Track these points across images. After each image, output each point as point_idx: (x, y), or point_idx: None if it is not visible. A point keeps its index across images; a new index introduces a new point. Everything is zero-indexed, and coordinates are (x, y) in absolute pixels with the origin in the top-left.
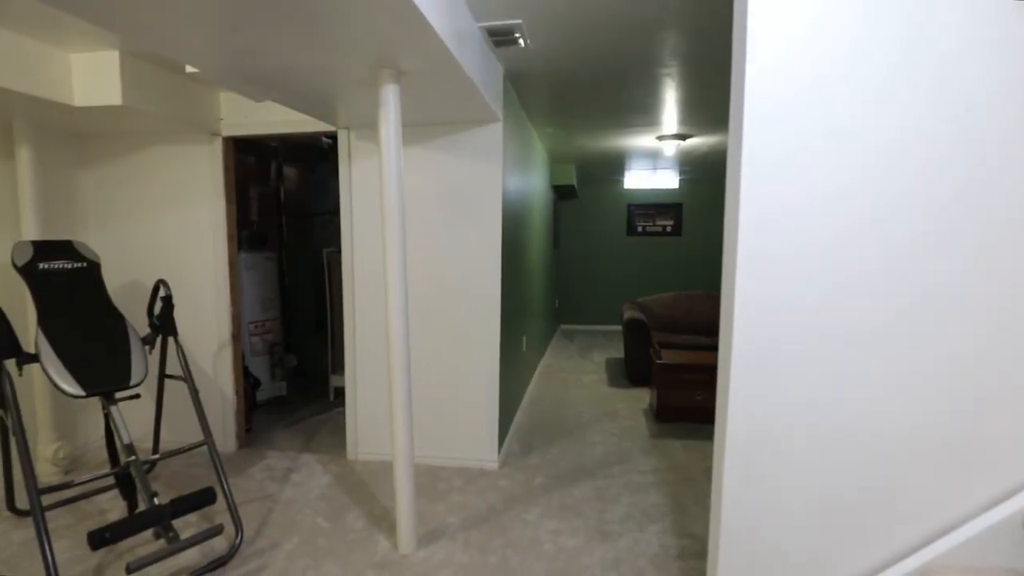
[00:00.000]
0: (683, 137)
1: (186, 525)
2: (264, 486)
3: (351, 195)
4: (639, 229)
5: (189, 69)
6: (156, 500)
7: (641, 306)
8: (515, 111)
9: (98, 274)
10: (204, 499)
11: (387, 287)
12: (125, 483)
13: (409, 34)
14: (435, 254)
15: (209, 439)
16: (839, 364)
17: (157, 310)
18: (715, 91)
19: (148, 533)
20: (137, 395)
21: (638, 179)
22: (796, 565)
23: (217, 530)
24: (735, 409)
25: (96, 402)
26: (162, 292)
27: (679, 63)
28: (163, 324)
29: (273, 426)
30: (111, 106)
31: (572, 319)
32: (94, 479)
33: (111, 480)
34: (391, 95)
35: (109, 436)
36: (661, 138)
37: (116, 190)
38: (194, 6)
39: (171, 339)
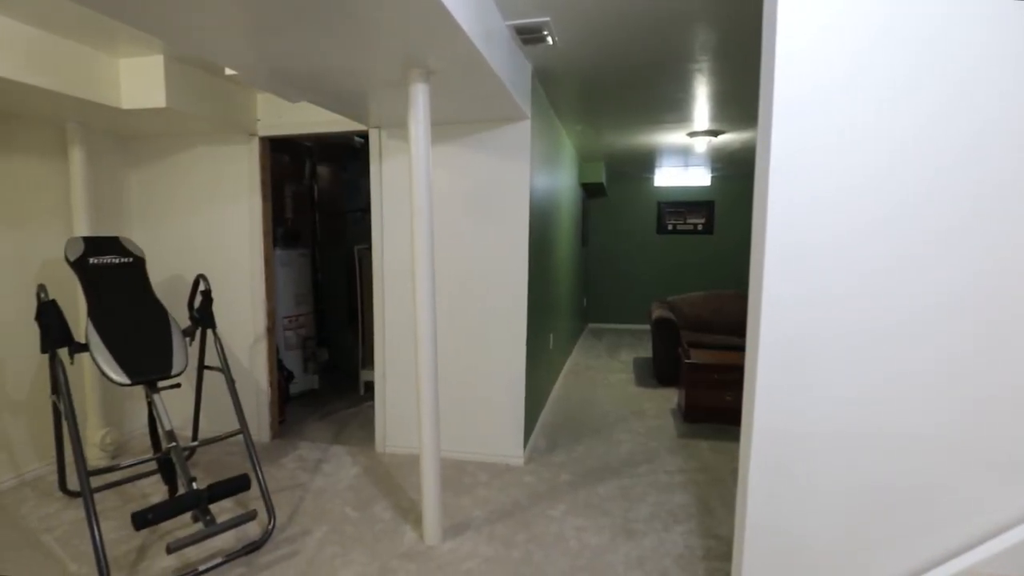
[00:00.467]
0: (715, 133)
1: (222, 510)
2: (296, 475)
3: (381, 193)
4: (669, 227)
5: (228, 72)
6: (195, 485)
7: (670, 305)
8: (543, 109)
9: (143, 269)
10: (239, 485)
11: (415, 283)
12: (166, 468)
13: (438, 34)
14: (463, 251)
15: (245, 428)
16: (871, 361)
17: (197, 304)
18: (747, 86)
19: (187, 516)
20: (178, 384)
21: (669, 176)
22: (824, 568)
23: (251, 515)
24: (761, 406)
25: (140, 390)
26: (202, 286)
27: (710, 58)
28: (202, 317)
29: (305, 418)
30: (155, 108)
31: (600, 318)
32: (138, 463)
33: (153, 465)
34: (420, 94)
35: (152, 423)
36: (692, 135)
37: (159, 189)
38: (235, 11)
39: (210, 331)
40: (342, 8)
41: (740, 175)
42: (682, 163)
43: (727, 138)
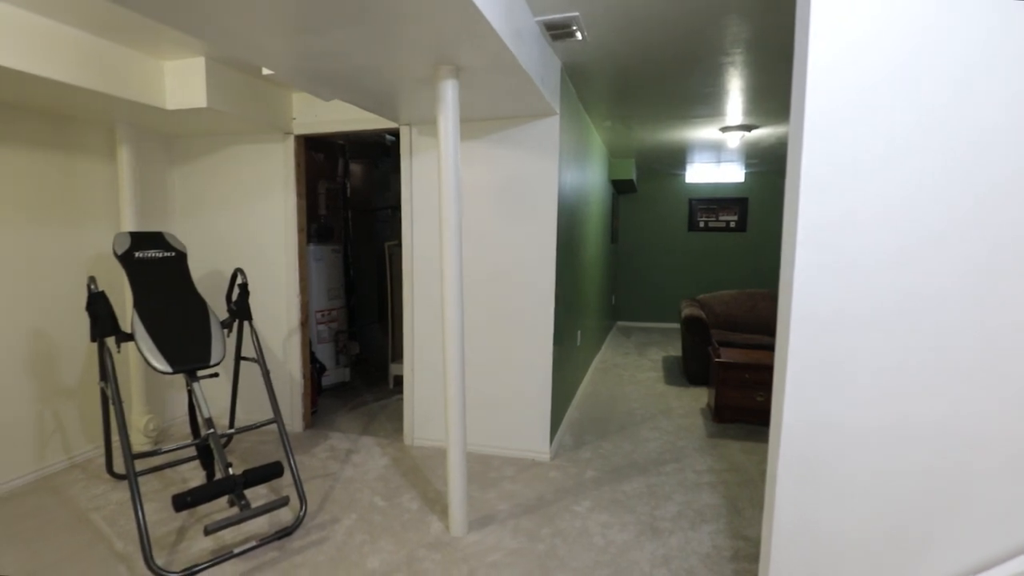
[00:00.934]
0: (748, 128)
1: (256, 496)
2: (327, 465)
3: (412, 190)
4: (701, 224)
5: (265, 71)
6: (231, 471)
7: (701, 303)
8: (572, 105)
9: (184, 263)
10: (273, 472)
11: (443, 279)
12: (204, 453)
13: (468, 31)
14: (491, 247)
15: (278, 418)
16: (907, 356)
17: (234, 296)
18: (782, 79)
19: (223, 501)
20: (216, 374)
21: (701, 173)
22: (855, 571)
23: (284, 501)
24: (791, 404)
25: (181, 379)
26: (239, 280)
27: (743, 50)
28: (240, 309)
29: (336, 409)
30: (197, 108)
31: (629, 316)
32: (179, 448)
33: (192, 451)
34: (450, 91)
35: (192, 410)
36: (725, 129)
37: (200, 186)
38: (273, 13)
39: (246, 323)
40: (374, 7)
41: (775, 171)
42: (714, 159)
43: (761, 133)
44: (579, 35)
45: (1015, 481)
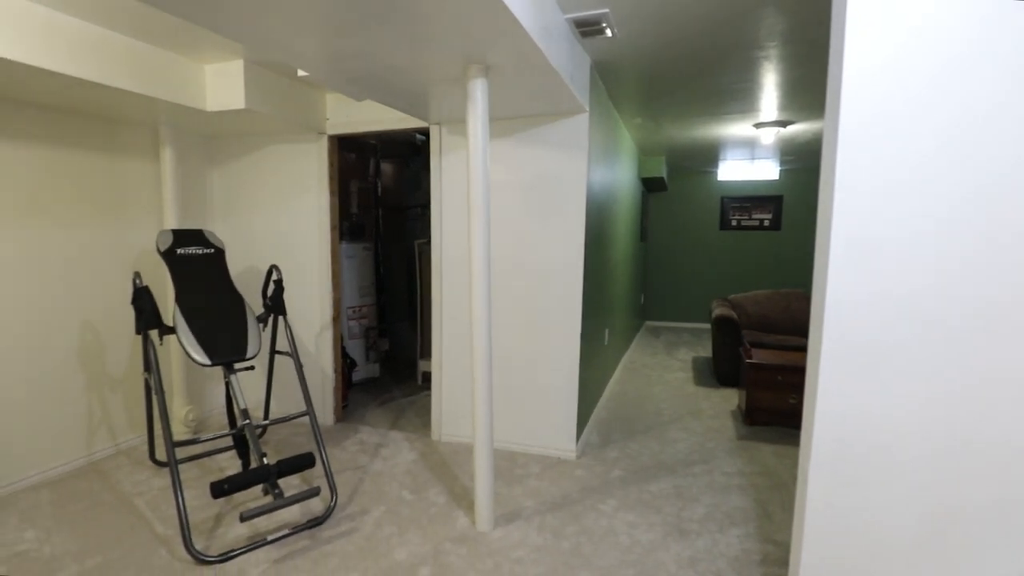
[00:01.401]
0: (783, 124)
1: (288, 486)
2: (356, 458)
3: (441, 188)
4: (733, 223)
5: (300, 73)
6: (265, 460)
7: (732, 303)
8: (602, 102)
9: (223, 259)
10: (305, 462)
11: (472, 277)
12: (240, 443)
13: (497, 30)
14: (519, 245)
15: (311, 410)
16: (946, 361)
17: (270, 292)
18: (819, 72)
19: (257, 490)
20: (252, 367)
21: (733, 170)
22: None
23: (315, 492)
24: (823, 408)
25: (219, 371)
26: (274, 276)
27: (778, 44)
28: (275, 305)
29: (366, 404)
30: (236, 109)
31: (658, 315)
32: (217, 437)
33: (229, 441)
34: (479, 90)
35: (229, 401)
36: (759, 126)
37: (237, 185)
38: (308, 15)
39: (281, 319)
40: (405, 8)
41: (812, 167)
42: (748, 156)
43: (797, 128)
44: (609, 32)
45: None
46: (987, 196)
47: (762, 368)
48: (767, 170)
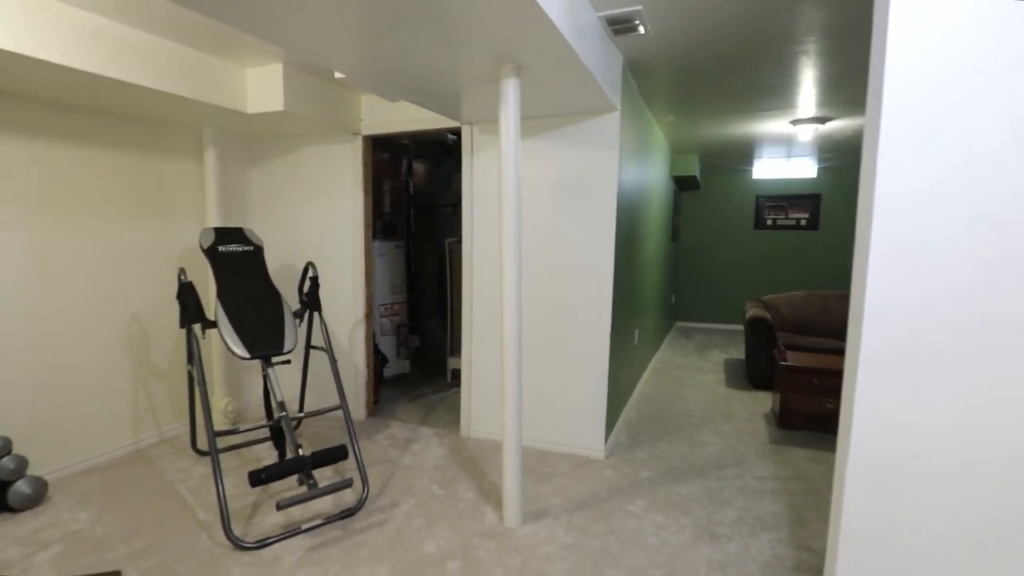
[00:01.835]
0: (822, 120)
1: (321, 478)
2: (387, 452)
3: (472, 187)
4: (768, 222)
5: (337, 75)
6: (300, 451)
7: (767, 304)
8: (634, 100)
9: (262, 256)
10: (338, 455)
11: (502, 275)
12: (277, 434)
13: (530, 29)
14: (550, 243)
15: (344, 404)
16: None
17: (306, 288)
18: (860, 67)
19: (292, 481)
20: (288, 361)
21: (769, 168)
22: None
23: (348, 483)
24: (862, 412)
25: (256, 365)
26: (310, 273)
27: (817, 38)
28: (310, 301)
29: (397, 400)
30: (275, 112)
31: (689, 316)
32: (255, 428)
33: (266, 432)
34: (511, 89)
35: (266, 394)
36: (796, 122)
37: (275, 184)
38: (345, 19)
39: (316, 314)
40: (440, 9)
41: (851, 165)
42: (784, 153)
43: (836, 125)
44: (642, 29)
45: None
46: None
47: (797, 371)
48: (804, 168)
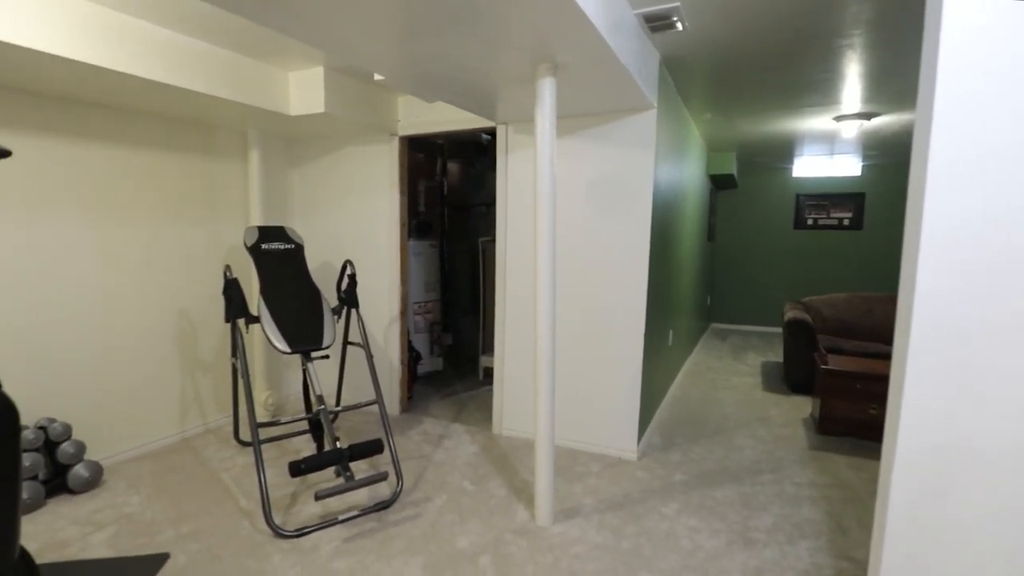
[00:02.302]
0: (867, 116)
1: (357, 471)
2: (420, 447)
3: (507, 187)
4: (809, 222)
5: (377, 77)
6: (338, 444)
7: (807, 306)
8: (670, 97)
9: (302, 254)
10: (374, 448)
11: (536, 275)
12: (315, 427)
13: (567, 28)
14: (584, 243)
15: (380, 399)
16: None
17: (344, 286)
18: (909, 60)
19: (330, 472)
20: (327, 356)
21: (810, 166)
22: None
23: (383, 476)
24: (909, 418)
25: (294, 360)
26: (348, 270)
27: (863, 31)
28: (348, 298)
29: (430, 396)
30: (315, 114)
31: (725, 318)
32: (295, 420)
33: (304, 425)
34: (547, 89)
35: (306, 388)
36: (840, 119)
37: (315, 184)
38: (385, 21)
39: (354, 311)
40: (477, 10)
41: (898, 163)
42: (827, 151)
43: (883, 121)
44: (680, 25)
45: None
46: None
47: (839, 375)
48: (848, 166)
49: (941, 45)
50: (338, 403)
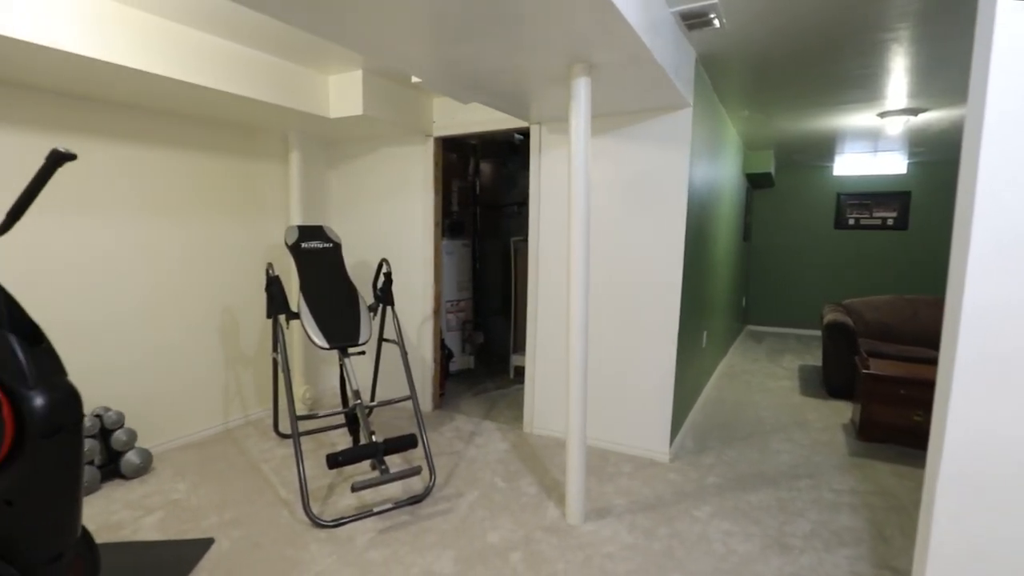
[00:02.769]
0: (914, 112)
1: (391, 464)
2: (452, 443)
3: (540, 186)
4: (850, 222)
5: (414, 79)
6: (374, 438)
7: (848, 308)
8: (706, 95)
9: (340, 253)
10: (408, 443)
11: (569, 274)
12: (352, 421)
13: (603, 29)
14: (617, 243)
15: (414, 395)
16: None
17: (380, 284)
18: (960, 52)
19: (364, 466)
20: (363, 352)
21: (852, 164)
22: None
23: (417, 471)
24: (956, 425)
25: (331, 355)
26: (384, 269)
27: (910, 23)
28: (384, 296)
29: (461, 394)
30: (354, 116)
31: (761, 319)
32: (332, 414)
33: (340, 419)
34: (582, 88)
35: (342, 383)
36: (884, 115)
37: (352, 184)
38: (423, 24)
39: (389, 309)
40: (514, 12)
41: (947, 160)
42: (870, 148)
43: (931, 116)
44: (717, 22)
45: None
46: None
47: (881, 380)
48: (892, 163)
49: (994, 37)
50: (372, 398)
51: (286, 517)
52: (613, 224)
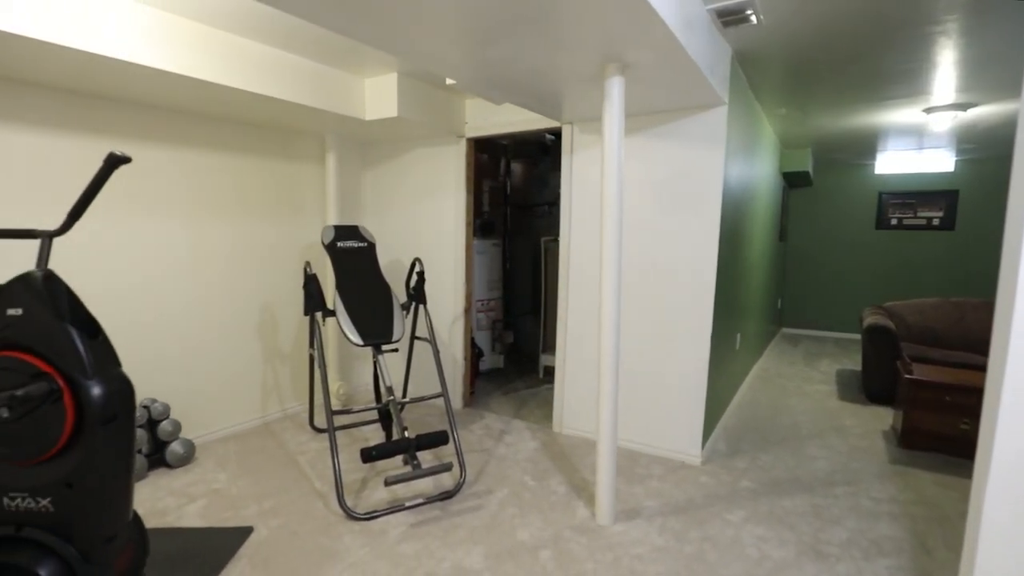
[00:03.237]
0: (963, 107)
1: (422, 460)
2: (482, 441)
3: (571, 186)
4: (893, 222)
5: (449, 82)
6: (406, 433)
7: (889, 312)
8: (742, 93)
9: (374, 252)
10: (440, 439)
11: (602, 273)
12: (385, 417)
13: (638, 27)
14: (649, 243)
15: (446, 392)
16: None
17: (413, 283)
18: (1013, 46)
19: (396, 460)
20: (396, 349)
21: (895, 162)
22: None
23: (448, 467)
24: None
25: (365, 352)
26: (417, 268)
27: (959, 15)
28: (416, 295)
29: (491, 393)
30: (389, 118)
31: (797, 322)
32: (366, 409)
33: (373, 415)
34: (616, 88)
35: (375, 379)
36: (930, 111)
37: (386, 185)
38: (457, 28)
39: (421, 307)
40: (549, 13)
41: (998, 157)
42: (915, 145)
43: (981, 111)
44: (754, 19)
45: None
46: None
47: (925, 386)
48: (939, 161)
49: None
50: (404, 395)
51: (321, 508)
52: (645, 224)
